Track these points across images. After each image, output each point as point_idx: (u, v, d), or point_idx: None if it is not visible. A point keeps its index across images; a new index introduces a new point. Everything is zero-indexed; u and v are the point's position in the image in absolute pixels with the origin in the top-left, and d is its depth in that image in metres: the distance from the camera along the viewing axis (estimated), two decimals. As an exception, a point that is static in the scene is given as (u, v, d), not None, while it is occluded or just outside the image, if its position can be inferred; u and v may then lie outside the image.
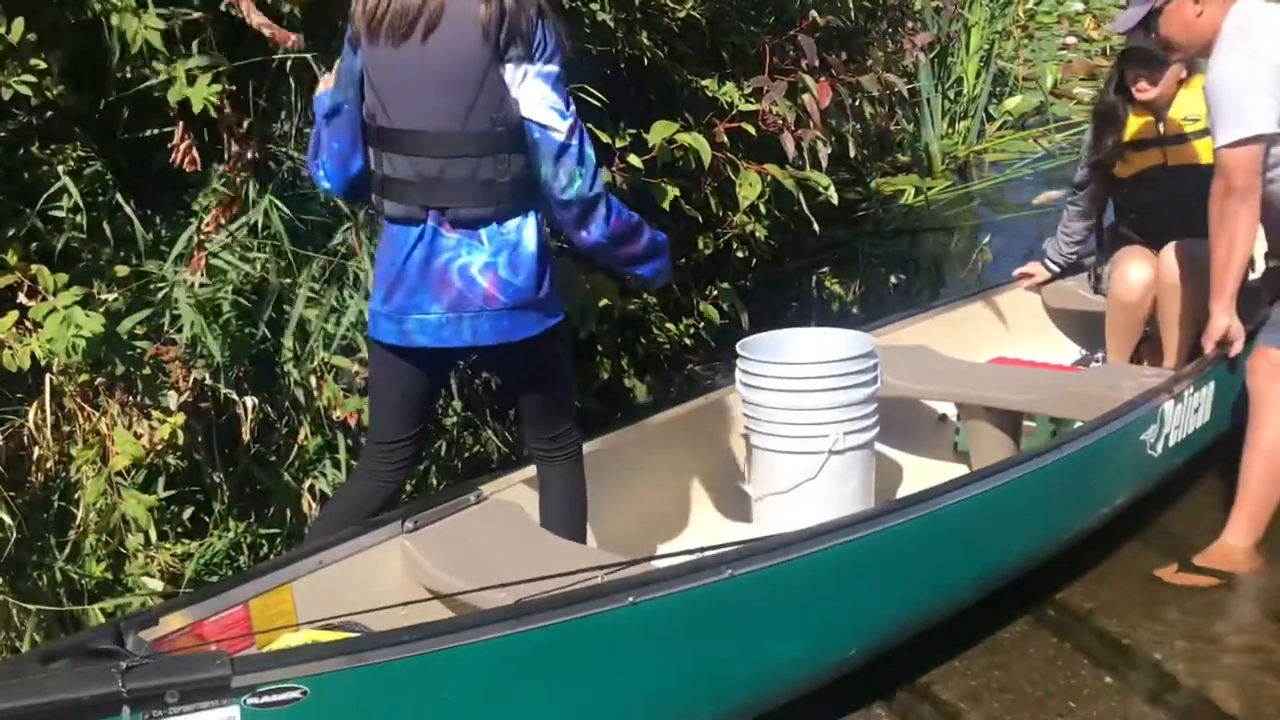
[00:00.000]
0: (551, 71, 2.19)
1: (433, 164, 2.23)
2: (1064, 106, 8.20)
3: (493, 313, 2.28)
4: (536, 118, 2.19)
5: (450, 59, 2.17)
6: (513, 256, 2.27)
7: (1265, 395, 3.06)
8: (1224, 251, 3.04)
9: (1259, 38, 2.97)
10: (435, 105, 2.20)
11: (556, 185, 2.22)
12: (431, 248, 2.27)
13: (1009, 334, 4.22)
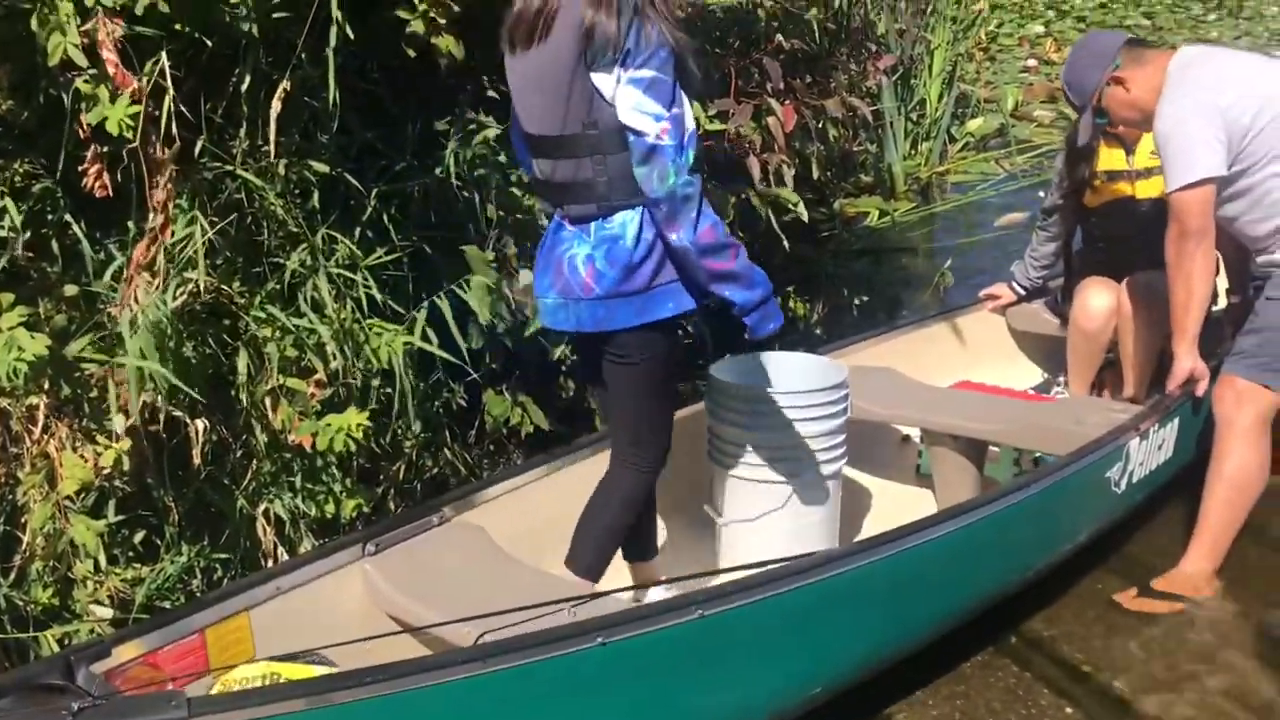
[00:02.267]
0: (644, 76, 2.24)
1: (548, 165, 2.42)
2: (1025, 128, 8.27)
3: (589, 301, 2.40)
4: (629, 122, 2.26)
5: (546, 66, 2.31)
6: (610, 250, 2.37)
7: (1230, 423, 3.08)
8: (1183, 293, 3.08)
9: (1201, 82, 3.02)
10: (540, 111, 2.37)
11: (648, 185, 2.29)
12: (555, 239, 2.47)
13: (973, 356, 4.23)
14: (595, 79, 2.26)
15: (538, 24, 2.29)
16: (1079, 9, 13.08)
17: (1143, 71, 3.16)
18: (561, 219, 2.45)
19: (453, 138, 3.21)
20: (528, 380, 3.55)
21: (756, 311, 2.44)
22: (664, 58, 2.25)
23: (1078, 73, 3.30)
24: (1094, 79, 3.24)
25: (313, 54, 2.91)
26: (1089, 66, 3.26)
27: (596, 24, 2.22)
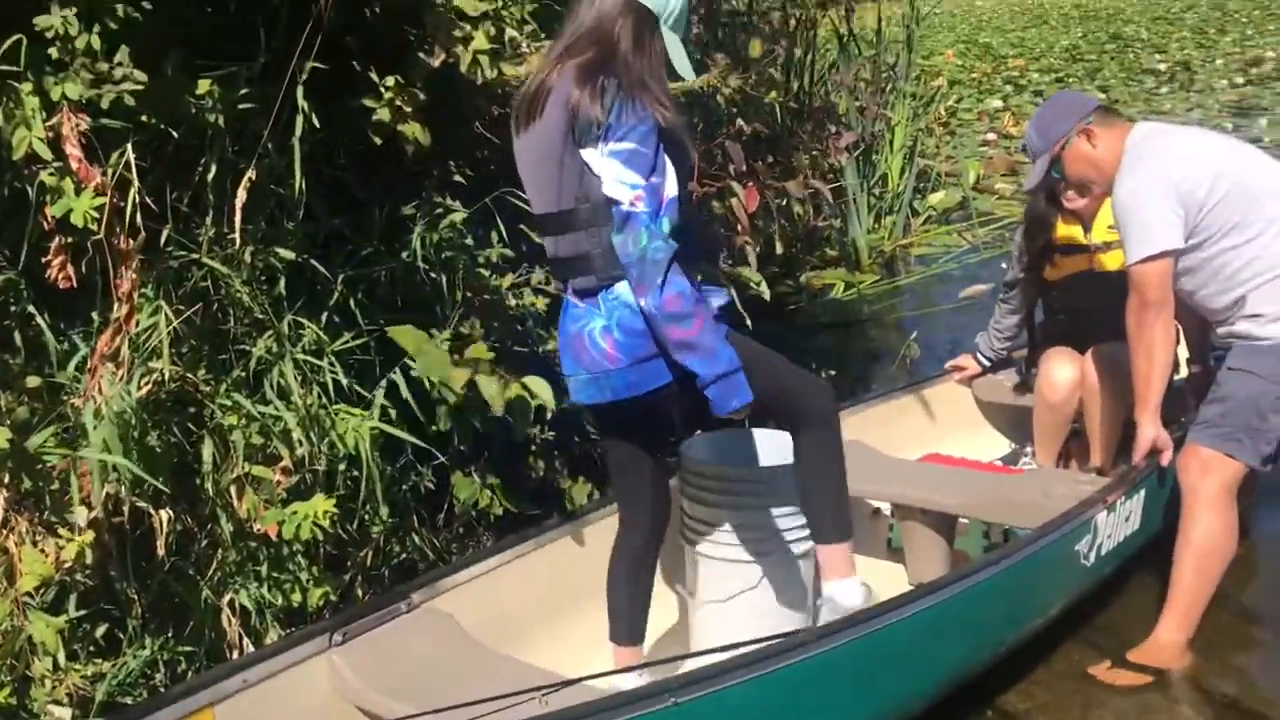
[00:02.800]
0: (624, 149, 2.30)
1: (552, 242, 2.49)
2: (986, 201, 8.42)
3: (617, 371, 2.45)
4: (610, 193, 2.33)
5: (541, 144, 2.40)
6: (623, 318, 2.42)
7: (1196, 492, 3.10)
8: (1144, 364, 3.12)
9: (1157, 157, 3.09)
10: (539, 187, 2.46)
11: (623, 251, 2.33)
12: (569, 317, 2.52)
13: (941, 428, 4.25)
14: (584, 155, 2.34)
15: (535, 104, 2.39)
16: (1036, 83, 13.41)
17: (1109, 134, 3.22)
18: (570, 295, 2.51)
19: (419, 221, 3.23)
20: (497, 461, 3.54)
21: (718, 385, 2.40)
22: (644, 131, 2.31)
23: (1048, 119, 3.32)
24: (1065, 126, 3.26)
25: (279, 142, 2.94)
26: (1062, 115, 3.29)
27: (580, 103, 2.30)
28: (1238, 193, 3.02)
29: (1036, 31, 18.93)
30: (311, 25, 2.86)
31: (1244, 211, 3.02)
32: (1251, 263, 3.04)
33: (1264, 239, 3.02)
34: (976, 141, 10.50)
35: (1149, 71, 14.19)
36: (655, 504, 2.73)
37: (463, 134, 3.51)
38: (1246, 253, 3.03)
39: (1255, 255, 3.03)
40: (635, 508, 2.72)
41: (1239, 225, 3.02)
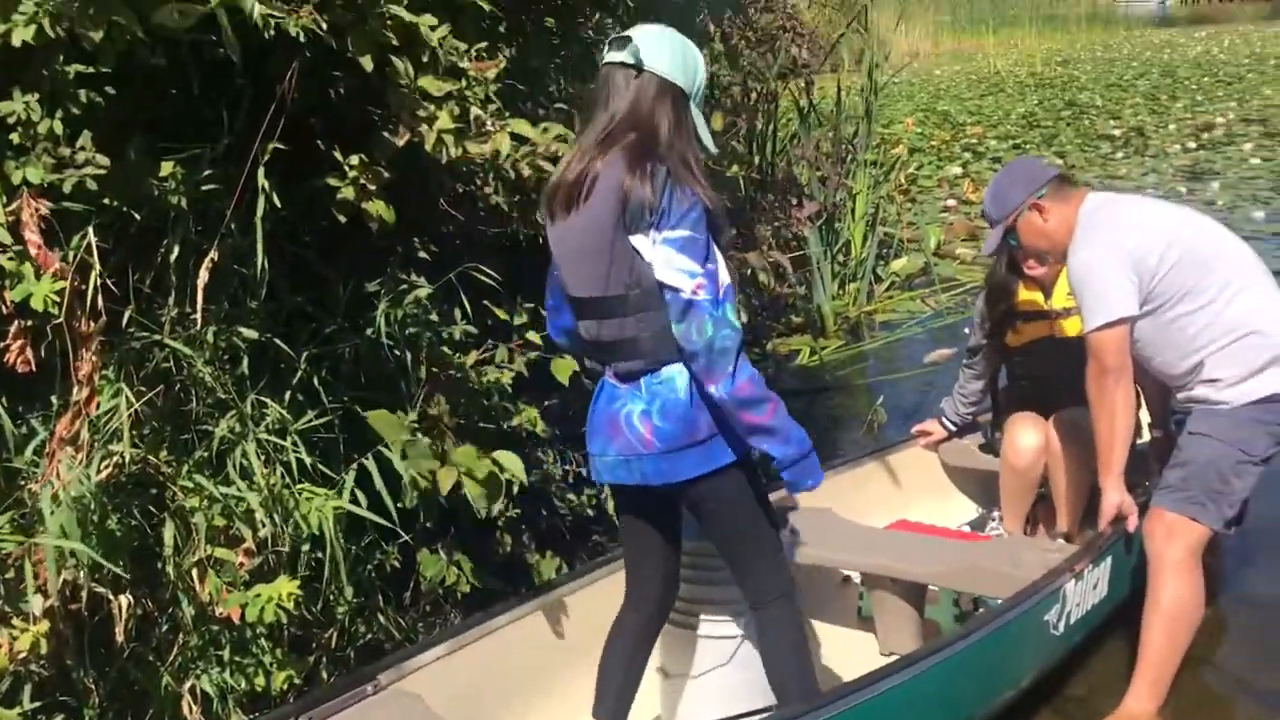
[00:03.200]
0: (678, 236, 2.33)
1: (594, 325, 2.50)
2: (948, 266, 8.53)
3: (652, 456, 2.46)
4: (665, 279, 2.34)
5: (588, 231, 2.41)
6: (665, 404, 2.44)
7: (1162, 558, 3.12)
8: (1106, 430, 3.16)
9: (1109, 226, 3.16)
10: (584, 273, 2.45)
11: (686, 340, 2.35)
12: (608, 397, 2.53)
13: (908, 494, 4.27)
14: (634, 240, 2.36)
15: (576, 191, 2.41)
16: (994, 150, 13.65)
17: (1062, 207, 3.28)
18: (610, 377, 2.52)
19: (383, 298, 3.23)
20: (464, 537, 3.51)
21: (795, 467, 2.46)
22: (696, 217, 2.34)
23: (1003, 189, 3.38)
24: (1017, 199, 3.32)
25: (243, 222, 2.95)
26: (1016, 186, 3.35)
27: (632, 189, 2.32)
28: (1189, 259, 3.08)
29: (993, 99, 19.29)
30: (275, 106, 2.88)
31: (1196, 278, 3.08)
32: (1206, 328, 3.09)
33: (1217, 305, 3.08)
34: (937, 208, 10.65)
35: (1104, 137, 14.48)
36: (666, 587, 2.74)
37: (428, 211, 3.53)
38: (1201, 318, 3.09)
39: (1209, 321, 3.08)
40: (645, 588, 2.73)
41: (1192, 291, 3.08)
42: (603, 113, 2.45)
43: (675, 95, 2.44)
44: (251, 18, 2.51)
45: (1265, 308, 3.11)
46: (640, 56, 2.42)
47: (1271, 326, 3.08)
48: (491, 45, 3.42)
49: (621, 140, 2.39)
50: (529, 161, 3.12)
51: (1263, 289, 3.13)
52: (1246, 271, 3.14)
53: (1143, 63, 25.45)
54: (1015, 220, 3.33)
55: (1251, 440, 3.08)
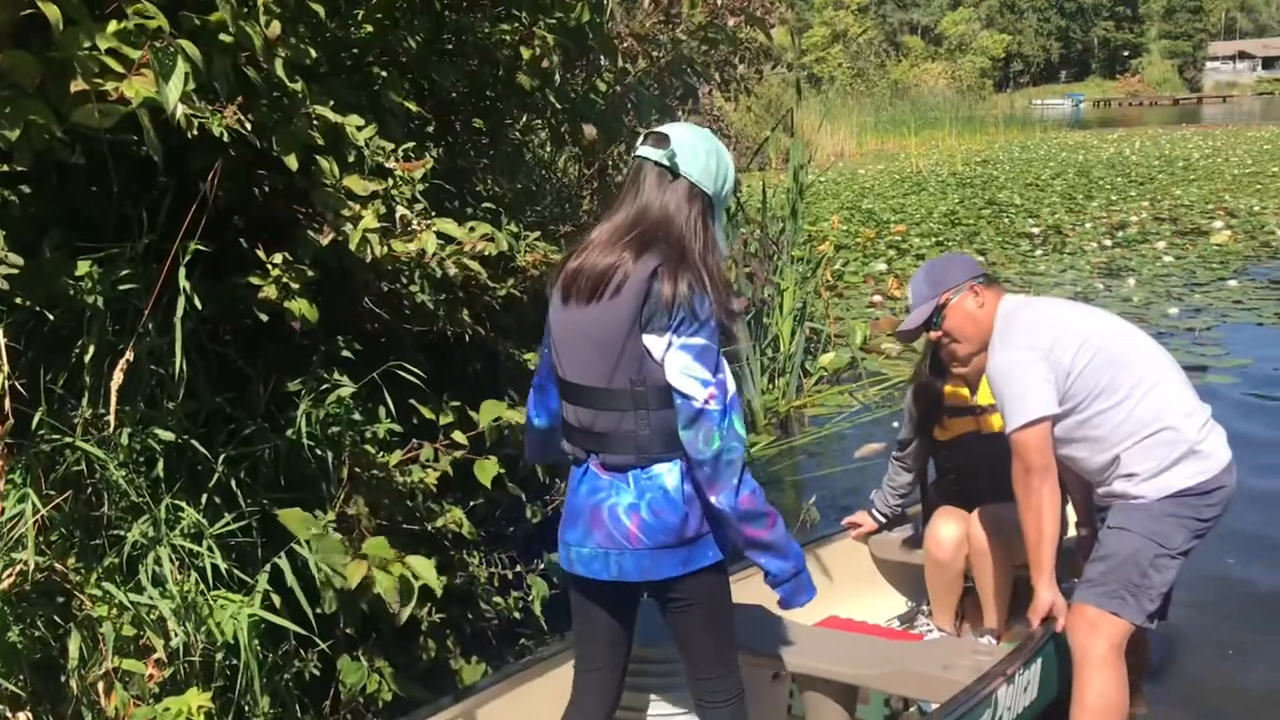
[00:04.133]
0: (695, 344, 2.35)
1: (588, 414, 2.47)
2: (874, 361, 8.64)
3: (635, 551, 2.44)
4: (677, 385, 2.36)
5: (605, 323, 2.41)
6: (654, 500, 2.43)
7: (1085, 653, 3.13)
8: (1034, 529, 3.18)
9: (1024, 329, 3.23)
10: (590, 363, 2.45)
11: (693, 447, 2.37)
12: (590, 486, 2.49)
13: (839, 587, 4.25)
14: (646, 339, 2.37)
15: (603, 283, 2.40)
16: (917, 247, 13.97)
17: (992, 298, 3.35)
18: (595, 466, 2.49)
19: (305, 398, 3.18)
20: (386, 644, 3.42)
21: (790, 583, 2.51)
22: (712, 328, 2.39)
23: (939, 271, 3.43)
24: (956, 278, 3.38)
25: (161, 321, 2.90)
26: (956, 269, 3.42)
27: (656, 291, 2.35)
28: (1102, 359, 3.15)
29: (916, 198, 19.80)
30: (197, 205, 2.86)
31: (1110, 376, 3.15)
32: (1122, 425, 3.15)
33: (1130, 402, 3.14)
34: (863, 303, 10.83)
35: (1023, 235, 14.88)
36: (614, 691, 2.72)
37: (352, 309, 3.50)
38: (1115, 416, 3.15)
39: (1124, 418, 3.14)
40: (593, 692, 2.70)
41: (1106, 389, 3.14)
42: (631, 206, 2.48)
43: (704, 202, 2.48)
44: (174, 118, 2.49)
45: (1177, 403, 3.18)
46: (676, 161, 2.46)
47: (1183, 421, 3.15)
48: (419, 145, 3.45)
49: (653, 242, 2.41)
50: (455, 260, 3.12)
51: (1174, 384, 3.21)
52: (1158, 368, 3.22)
53: (1059, 163, 26.37)
54: (950, 298, 3.38)
55: (1169, 534, 3.12)
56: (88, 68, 2.40)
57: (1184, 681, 3.96)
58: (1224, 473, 3.16)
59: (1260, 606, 4.57)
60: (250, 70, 2.86)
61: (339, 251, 3.05)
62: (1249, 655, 4.15)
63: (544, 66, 3.82)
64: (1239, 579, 4.78)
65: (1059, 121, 52.84)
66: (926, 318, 3.41)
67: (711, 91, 6.79)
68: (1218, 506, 3.16)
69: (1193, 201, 17.92)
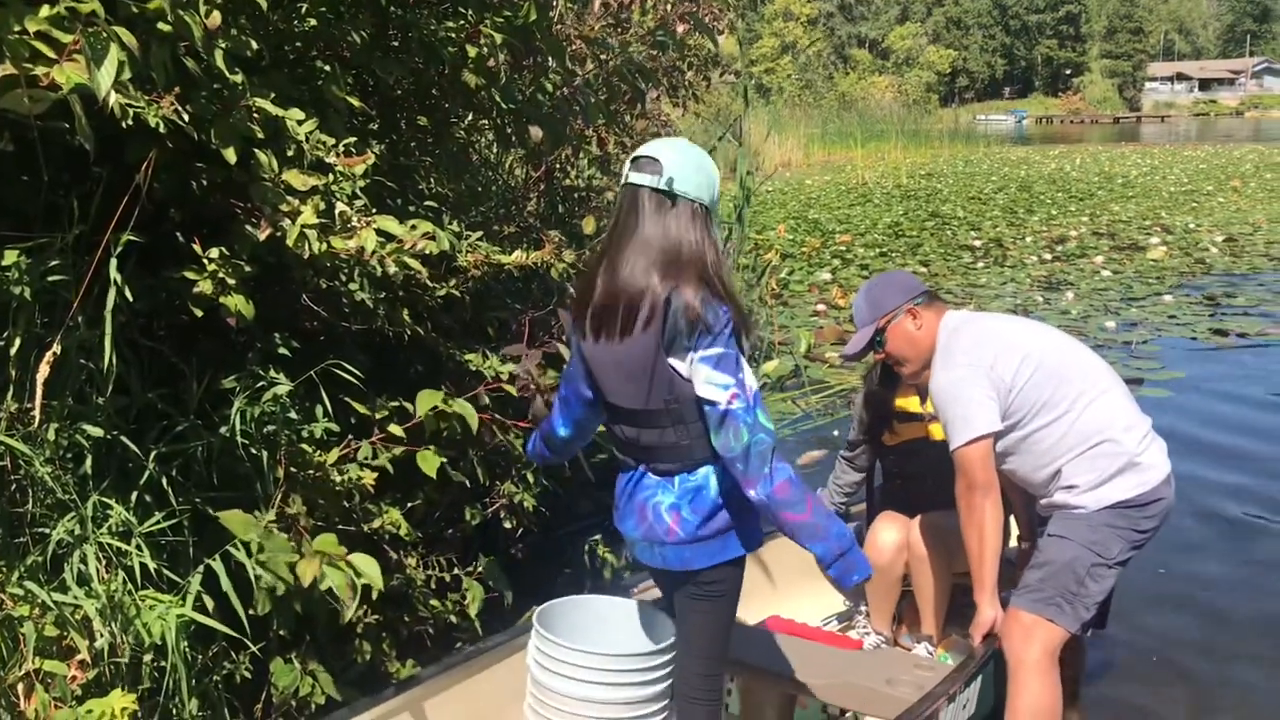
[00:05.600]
0: (712, 354, 2.48)
1: (633, 430, 2.66)
2: (818, 370, 8.69)
3: (673, 546, 2.64)
4: (703, 394, 2.50)
5: (633, 355, 2.56)
6: (695, 500, 2.62)
7: (1019, 659, 3.15)
8: (976, 544, 3.21)
9: (965, 346, 3.26)
10: (626, 390, 2.62)
11: (725, 447, 2.50)
12: (638, 486, 2.70)
13: (780, 586, 4.27)
14: (672, 362, 2.51)
15: (630, 320, 2.52)
16: (861, 258, 14.08)
17: (931, 318, 3.37)
18: (644, 472, 2.68)
19: (240, 395, 3.12)
20: (320, 645, 3.36)
21: (839, 563, 2.56)
22: (727, 335, 2.49)
23: (879, 293, 3.45)
24: (894, 302, 3.40)
25: (93, 314, 2.83)
26: (893, 291, 3.43)
27: (676, 317, 2.47)
28: (1043, 374, 3.19)
29: (861, 209, 19.98)
30: (131, 196, 2.79)
31: (1051, 390, 3.18)
32: (1063, 438, 3.18)
33: (1071, 415, 3.18)
34: (808, 312, 10.89)
35: (965, 247, 15.07)
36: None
37: (289, 306, 3.44)
38: (1057, 429, 3.18)
39: (1065, 431, 3.18)
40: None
41: (1048, 404, 3.18)
42: (636, 237, 2.53)
43: (706, 215, 2.56)
44: (107, 106, 2.43)
45: (1117, 416, 3.22)
46: (674, 186, 2.52)
47: (1123, 434, 3.19)
48: (361, 141, 3.40)
49: (666, 269, 2.50)
50: (395, 258, 3.07)
51: (1114, 397, 3.25)
52: (1099, 381, 3.26)
53: (1001, 177, 26.75)
54: (888, 322, 3.40)
55: (1106, 543, 3.16)
56: (17, 52, 2.33)
57: (1119, 689, 4.02)
58: (1163, 485, 3.21)
59: (1194, 613, 4.65)
60: (189, 61, 2.81)
61: (277, 247, 3.00)
62: (1182, 663, 4.21)
63: (490, 66, 3.79)
64: (1173, 588, 4.86)
65: (1002, 137, 53.60)
66: (869, 341, 3.44)
67: (660, 97, 6.78)
68: (1156, 519, 3.21)
69: (1130, 218, 18.26)
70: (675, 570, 2.68)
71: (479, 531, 4.23)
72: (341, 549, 2.91)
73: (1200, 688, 4.05)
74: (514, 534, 4.49)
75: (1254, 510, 5.85)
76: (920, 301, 3.39)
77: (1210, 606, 4.73)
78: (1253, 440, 7.06)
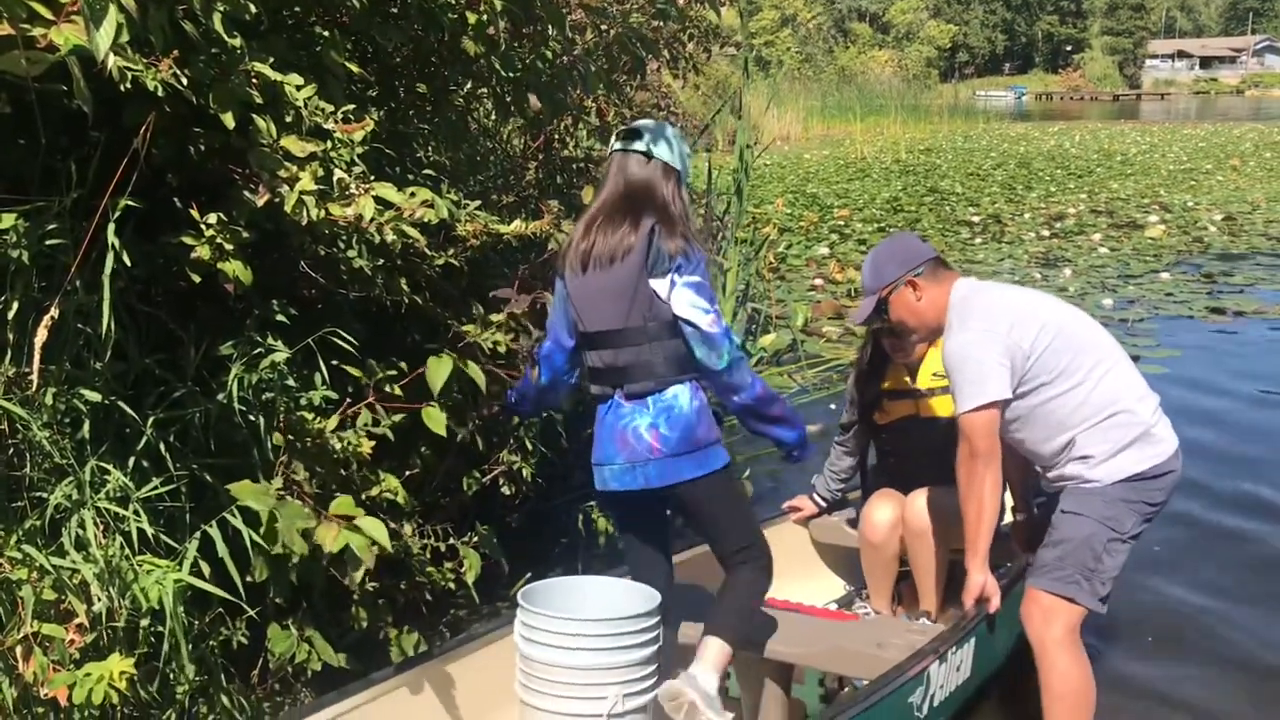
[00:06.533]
0: (694, 281, 2.93)
1: (609, 354, 3.02)
2: (814, 344, 8.70)
3: (657, 461, 2.97)
4: (685, 315, 2.93)
5: (618, 278, 2.97)
6: (670, 417, 2.97)
7: (1043, 641, 3.17)
8: (974, 512, 3.21)
9: (983, 312, 3.23)
10: (606, 311, 3.00)
11: (710, 362, 2.95)
12: (615, 414, 3.02)
13: (778, 569, 4.23)
14: (653, 283, 2.93)
15: (619, 249, 2.97)
16: (859, 232, 14.06)
17: (935, 288, 3.35)
18: (619, 396, 3.01)
19: (238, 361, 3.11)
20: (317, 612, 3.37)
21: (803, 446, 3.19)
22: (704, 268, 2.96)
23: (881, 262, 3.43)
24: (893, 274, 3.37)
25: (90, 279, 2.82)
26: (894, 261, 3.40)
27: (663, 245, 2.92)
28: (1061, 343, 3.18)
29: (860, 184, 19.93)
30: (129, 160, 2.78)
31: (1069, 359, 3.17)
32: (1079, 408, 3.17)
33: (1087, 385, 3.17)
34: (805, 286, 10.89)
35: (964, 223, 15.05)
36: (666, 572, 3.24)
37: (287, 273, 3.43)
38: (1073, 398, 3.17)
39: (1081, 401, 3.17)
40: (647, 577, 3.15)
41: (1064, 373, 3.17)
42: (617, 185, 3.07)
43: (676, 177, 3.09)
44: (105, 69, 2.41)
45: (1131, 387, 3.22)
46: (651, 147, 3.07)
47: (1138, 405, 3.20)
48: (360, 108, 3.38)
49: (644, 208, 2.99)
50: (393, 226, 3.06)
51: (1126, 369, 3.26)
52: (1113, 353, 3.26)
53: (1000, 154, 26.67)
54: (889, 294, 3.39)
55: (1121, 518, 3.16)
56: (14, 12, 2.31)
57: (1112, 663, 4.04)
58: (1173, 457, 3.22)
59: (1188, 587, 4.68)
60: (188, 24, 2.79)
61: (275, 214, 2.99)
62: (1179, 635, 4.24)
63: (490, 33, 3.76)
64: (1168, 561, 4.88)
65: (1002, 113, 53.40)
66: (872, 309, 3.43)
67: (660, 68, 6.75)
68: (1165, 491, 3.21)
69: (1129, 195, 18.23)
70: (658, 487, 2.97)
71: (476, 500, 4.24)
72: (360, 510, 2.91)
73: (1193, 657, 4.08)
74: (512, 502, 4.50)
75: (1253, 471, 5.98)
76: (921, 272, 3.36)
77: (1204, 581, 4.76)
78: (1250, 408, 7.13)
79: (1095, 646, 4.10)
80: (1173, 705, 3.80)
